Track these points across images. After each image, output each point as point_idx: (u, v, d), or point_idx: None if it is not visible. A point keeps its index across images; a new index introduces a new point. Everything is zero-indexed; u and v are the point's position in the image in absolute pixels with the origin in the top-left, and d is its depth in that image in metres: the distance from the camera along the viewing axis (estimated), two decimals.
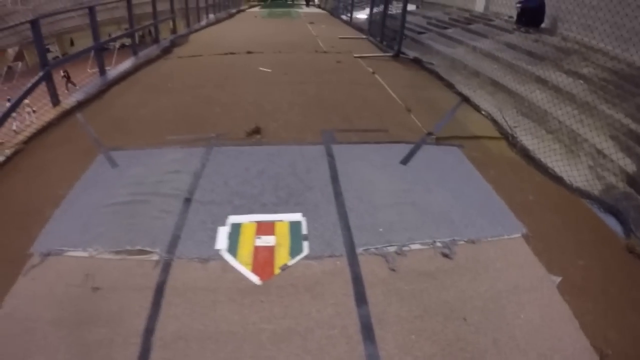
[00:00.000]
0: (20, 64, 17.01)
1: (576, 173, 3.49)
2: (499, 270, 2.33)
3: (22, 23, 4.76)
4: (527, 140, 4.16)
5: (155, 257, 2.33)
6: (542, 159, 3.74)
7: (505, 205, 2.91)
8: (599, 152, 3.83)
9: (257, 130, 3.99)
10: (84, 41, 16.98)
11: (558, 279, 2.27)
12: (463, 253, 2.44)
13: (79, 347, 1.84)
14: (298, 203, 2.86)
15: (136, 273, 2.23)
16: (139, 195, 2.90)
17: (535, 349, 1.88)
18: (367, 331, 1.93)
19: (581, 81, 5.33)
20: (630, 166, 3.53)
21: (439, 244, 2.48)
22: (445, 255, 2.40)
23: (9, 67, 16.44)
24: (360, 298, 2.11)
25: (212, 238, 2.48)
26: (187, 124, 4.24)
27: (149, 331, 1.90)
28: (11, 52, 17.65)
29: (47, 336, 1.90)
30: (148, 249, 2.38)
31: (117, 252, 2.37)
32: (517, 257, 2.44)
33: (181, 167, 3.28)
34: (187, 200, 2.86)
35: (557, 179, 3.43)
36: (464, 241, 2.52)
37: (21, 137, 3.99)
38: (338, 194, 2.96)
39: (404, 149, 3.66)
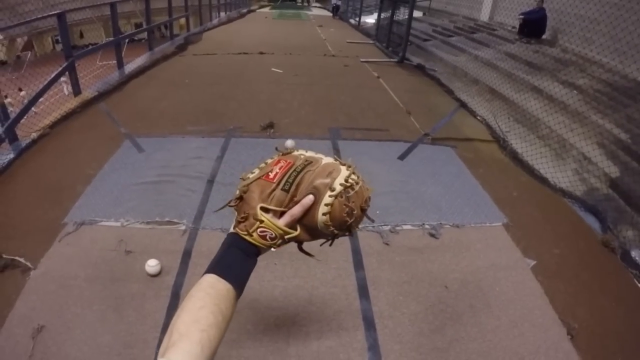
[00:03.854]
0: (29, 53, 17.28)
1: (561, 175, 3.72)
2: (479, 250, 2.65)
3: (49, 15, 5.03)
4: (518, 144, 4.40)
5: (182, 227, 2.66)
6: (530, 162, 3.98)
7: (489, 198, 3.22)
8: (586, 157, 4.07)
9: (270, 125, 4.33)
10: (92, 34, 17.25)
11: (532, 262, 2.53)
12: (448, 235, 2.77)
13: (113, 300, 2.10)
14: None
15: (166, 239, 2.55)
16: (165, 176, 3.24)
17: (507, 316, 2.15)
18: (363, 290, 2.26)
19: (575, 91, 5.62)
20: (614, 172, 3.77)
21: (427, 226, 2.82)
22: (432, 235, 2.74)
23: (18, 57, 16.69)
24: (358, 264, 2.45)
25: (233, 213, 2.76)
26: (206, 117, 4.58)
27: (177, 286, 2.21)
28: (20, 41, 17.91)
29: (82, 291, 2.14)
30: (176, 220, 2.72)
31: (148, 223, 2.69)
32: (496, 241, 2.74)
33: (203, 154, 3.63)
34: (210, 182, 3.20)
35: (542, 180, 3.68)
36: (450, 225, 2.85)
37: (46, 122, 4.27)
38: None
39: (402, 147, 4.00)
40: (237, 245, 0.72)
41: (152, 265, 2.26)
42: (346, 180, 0.72)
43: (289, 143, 3.90)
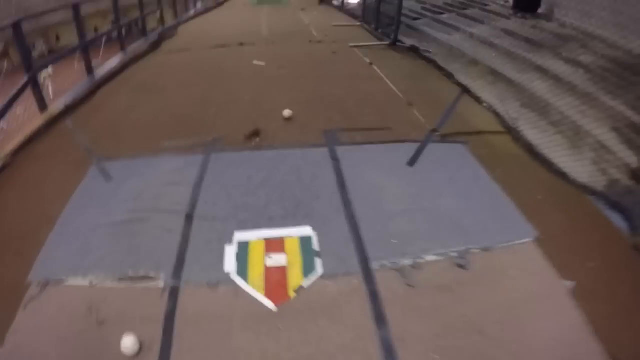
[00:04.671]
0: (4, 62, 16.51)
1: (581, 168, 3.44)
2: (514, 278, 2.29)
3: (4, 27, 4.48)
4: (530, 133, 4.07)
5: (160, 284, 2.22)
6: (547, 154, 3.67)
7: (514, 208, 2.83)
8: (602, 145, 3.76)
9: (256, 133, 3.84)
10: (71, 35, 16.31)
11: (570, 284, 2.24)
12: (477, 262, 2.38)
13: None
14: (306, 215, 2.74)
15: (142, 302, 2.12)
16: (137, 212, 2.76)
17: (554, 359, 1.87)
18: (390, 353, 1.87)
19: (582, 70, 5.24)
20: (633, 161, 3.45)
21: (453, 254, 2.42)
22: (461, 266, 2.34)
23: None
24: (380, 318, 2.04)
25: (220, 259, 2.37)
26: (182, 127, 4.07)
27: None
28: None
29: None
30: (152, 274, 2.27)
31: (120, 280, 2.25)
32: (530, 264, 2.39)
33: (180, 178, 3.13)
34: (189, 217, 2.72)
35: (562, 175, 3.37)
36: (478, 249, 2.46)
37: (9, 149, 3.77)
38: (347, 203, 2.86)
39: (409, 149, 3.54)
40: None
41: (127, 346, 1.83)
42: None
43: (287, 113, 4.19)
